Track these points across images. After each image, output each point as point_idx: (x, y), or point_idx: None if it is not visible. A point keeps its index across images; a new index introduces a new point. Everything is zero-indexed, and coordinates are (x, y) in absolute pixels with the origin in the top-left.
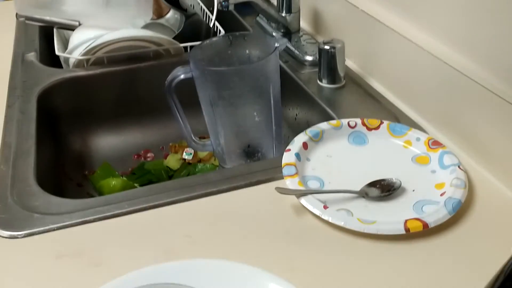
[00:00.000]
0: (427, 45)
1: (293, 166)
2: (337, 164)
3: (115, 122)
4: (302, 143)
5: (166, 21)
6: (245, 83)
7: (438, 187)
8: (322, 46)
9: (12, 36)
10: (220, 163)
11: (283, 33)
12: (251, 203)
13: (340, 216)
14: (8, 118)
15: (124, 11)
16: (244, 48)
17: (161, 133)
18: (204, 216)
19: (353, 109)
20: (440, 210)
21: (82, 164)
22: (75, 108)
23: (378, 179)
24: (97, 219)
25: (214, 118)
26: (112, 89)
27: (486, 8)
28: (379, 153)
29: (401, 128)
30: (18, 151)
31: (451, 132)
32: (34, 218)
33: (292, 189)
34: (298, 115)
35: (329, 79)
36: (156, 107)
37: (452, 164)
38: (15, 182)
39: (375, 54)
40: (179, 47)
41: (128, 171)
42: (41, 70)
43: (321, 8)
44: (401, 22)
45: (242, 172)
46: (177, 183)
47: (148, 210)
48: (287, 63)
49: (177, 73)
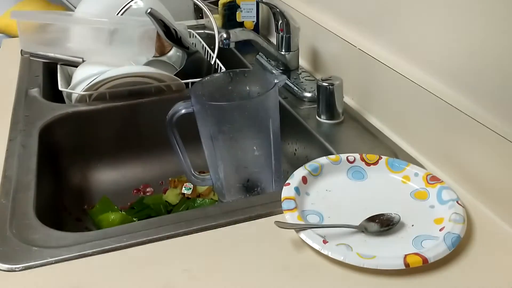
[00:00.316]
0: (423, 82)
1: (293, 200)
2: (336, 199)
3: (115, 156)
4: (301, 177)
5: (168, 58)
6: (245, 118)
7: (437, 222)
8: (320, 83)
9: (16, 72)
10: (219, 197)
11: (282, 70)
12: (250, 238)
13: (339, 251)
14: (10, 152)
15: (127, 48)
16: (244, 85)
17: (160, 167)
18: (203, 250)
19: (351, 144)
20: (439, 245)
21: (81, 199)
22: (76, 142)
23: (377, 214)
24: (95, 252)
25: (214, 152)
26: (113, 124)
27: (481, 45)
28: (378, 188)
29: (400, 163)
30: (19, 185)
31: (449, 168)
32: (32, 251)
33: (291, 223)
34: (297, 150)
35: (327, 115)
36: (156, 142)
37: (451, 199)
38: (15, 215)
39: (372, 91)
40: (180, 83)
41: (127, 206)
42: (43, 105)
43: (319, 46)
44: (397, 60)
45: (241, 206)
46: (176, 217)
47: (146, 244)
48: (287, 99)
49: (178, 108)
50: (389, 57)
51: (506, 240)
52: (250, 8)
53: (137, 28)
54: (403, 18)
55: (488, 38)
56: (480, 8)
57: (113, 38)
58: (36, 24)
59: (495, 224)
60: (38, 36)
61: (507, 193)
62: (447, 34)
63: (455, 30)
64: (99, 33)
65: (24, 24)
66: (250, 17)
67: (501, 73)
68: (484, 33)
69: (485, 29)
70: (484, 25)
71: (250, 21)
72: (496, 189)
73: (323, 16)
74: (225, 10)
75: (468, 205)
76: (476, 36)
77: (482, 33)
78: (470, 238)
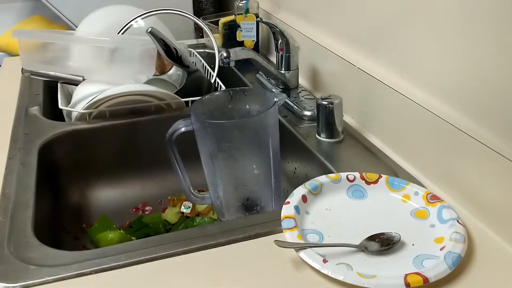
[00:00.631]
0: (423, 101)
1: (292, 219)
2: (336, 218)
3: (114, 175)
4: (301, 196)
5: (169, 77)
6: (244, 136)
7: (437, 241)
8: (320, 102)
9: (17, 90)
10: (218, 216)
11: (282, 89)
12: (249, 257)
13: (339, 270)
14: (9, 169)
15: (128, 67)
16: (244, 103)
17: (159, 186)
18: (201, 269)
19: (351, 163)
20: (440, 264)
21: (80, 217)
22: (75, 160)
23: (378, 233)
24: (93, 271)
25: (213, 170)
26: (112, 142)
27: (480, 65)
28: (378, 207)
29: (400, 182)
30: (17, 203)
31: (449, 186)
32: (30, 270)
33: (291, 242)
34: (297, 168)
35: (327, 134)
36: (155, 160)
37: (451, 218)
38: (13, 234)
39: (372, 110)
40: (180, 102)
41: (126, 224)
42: (43, 123)
43: (319, 65)
44: (397, 79)
45: (241, 225)
46: (175, 236)
47: (145, 263)
48: (286, 117)
49: (178, 126)
50: (389, 76)
51: (507, 260)
52: (250, 28)
53: (137, 47)
54: (402, 38)
55: (486, 58)
56: (478, 28)
57: (113, 56)
58: (37, 43)
59: (496, 243)
60: (39, 54)
61: (507, 212)
62: (446, 53)
63: (453, 49)
64: (100, 51)
65: (25, 43)
66: (250, 36)
67: (500, 92)
68: (482, 52)
69: (483, 49)
70: (482, 44)
71: (250, 41)
72: (496, 208)
73: (323, 35)
74: (226, 29)
75: (468, 224)
76: (474, 56)
77: (480, 53)
78: (471, 257)
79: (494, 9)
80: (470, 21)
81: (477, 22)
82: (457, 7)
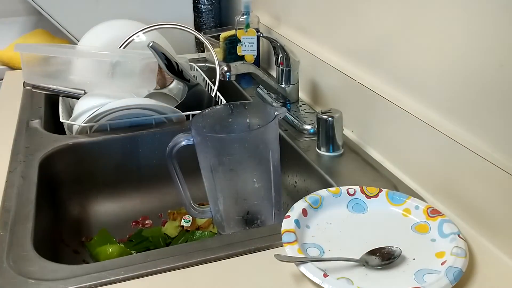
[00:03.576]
0: (423, 115)
1: (293, 233)
2: (337, 232)
3: (114, 188)
4: (301, 209)
5: (169, 91)
6: (245, 150)
7: (438, 256)
8: (320, 115)
9: (18, 104)
10: (218, 230)
11: (282, 103)
12: (249, 271)
13: (340, 285)
14: (9, 183)
15: (129, 80)
16: (244, 117)
17: (159, 200)
18: (202, 283)
19: (351, 177)
20: (441, 279)
21: (79, 230)
22: (76, 174)
23: (378, 247)
24: (92, 285)
25: (214, 184)
26: (113, 155)
27: (481, 79)
28: (378, 221)
29: (400, 196)
30: (17, 216)
31: (449, 201)
32: (28, 283)
33: (291, 257)
34: (297, 182)
35: (327, 148)
36: (155, 174)
37: (452, 232)
38: (12, 247)
39: (372, 123)
40: (181, 116)
41: (126, 238)
42: (44, 136)
43: (319, 80)
44: (396, 93)
45: (241, 238)
46: (175, 250)
47: (145, 277)
48: (287, 131)
49: (178, 140)
50: (388, 90)
51: (508, 274)
52: (250, 42)
53: (139, 61)
54: (401, 51)
55: (485, 72)
56: (477, 41)
57: (115, 70)
58: (39, 57)
59: (497, 258)
60: (41, 68)
61: (507, 226)
62: (446, 67)
63: (453, 64)
64: (101, 65)
65: (27, 57)
66: (251, 51)
67: (499, 105)
68: (483, 67)
69: (484, 63)
70: (482, 59)
71: (251, 55)
72: (496, 222)
73: (323, 50)
74: (226, 44)
75: (469, 239)
76: (475, 70)
77: (481, 67)
78: (472, 272)
79: (494, 21)
80: (469, 34)
81: (476, 36)
82: (456, 20)
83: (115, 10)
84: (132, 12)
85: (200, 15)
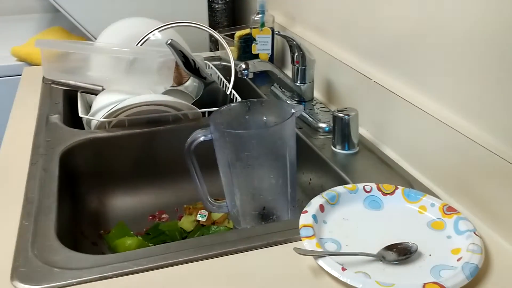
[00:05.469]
0: (438, 114)
1: (311, 227)
2: (354, 227)
3: (132, 182)
4: (319, 205)
5: (185, 88)
6: (262, 146)
7: (454, 252)
8: (336, 114)
9: (37, 99)
10: (234, 224)
11: (297, 101)
12: (268, 264)
13: (358, 279)
14: (31, 175)
15: (146, 77)
16: (261, 114)
17: (176, 195)
18: (221, 276)
19: (367, 174)
20: (457, 275)
21: (97, 223)
22: (94, 168)
23: (395, 243)
24: (115, 275)
25: (231, 179)
26: (131, 150)
27: (496, 77)
28: (394, 218)
29: (416, 194)
30: (40, 207)
31: (465, 199)
32: (53, 272)
33: (310, 250)
34: (312, 179)
35: (343, 146)
36: (172, 169)
37: (468, 229)
38: (37, 237)
39: (387, 122)
40: (197, 112)
41: (143, 232)
42: (64, 130)
43: (334, 78)
44: (412, 93)
45: (259, 232)
46: (195, 242)
47: (165, 268)
48: (302, 129)
49: (197, 135)
50: (405, 90)
51: None
52: (265, 41)
53: (156, 58)
54: (417, 51)
55: (502, 70)
56: (496, 40)
57: (133, 67)
58: (59, 53)
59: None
60: (60, 64)
61: None
62: (461, 66)
63: (469, 63)
64: (119, 62)
65: (47, 53)
66: (265, 49)
67: None
68: (498, 65)
69: (498, 62)
70: (498, 57)
71: (265, 54)
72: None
73: (338, 49)
74: (241, 42)
75: (484, 236)
76: (490, 68)
77: (495, 66)
78: (488, 268)
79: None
80: (487, 32)
81: (494, 34)
82: (473, 18)
83: (131, 8)
84: (147, 10)
85: (214, 14)
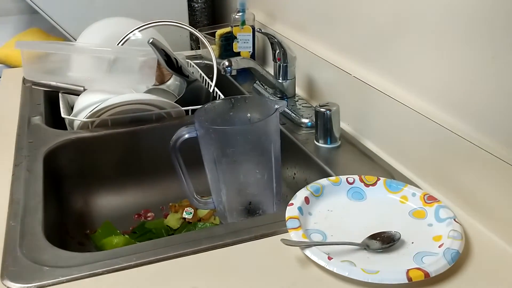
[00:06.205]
0: (417, 106)
1: (297, 219)
2: (338, 218)
3: (116, 182)
4: (304, 197)
5: (168, 87)
6: (248, 142)
7: (435, 239)
8: (318, 109)
9: (18, 100)
10: (221, 220)
11: (279, 98)
12: (256, 256)
13: (344, 267)
14: (16, 176)
15: (128, 77)
16: (245, 110)
17: (161, 193)
18: (210, 269)
19: (349, 167)
20: (439, 260)
21: (83, 223)
22: (79, 168)
23: (379, 232)
24: (105, 271)
25: (217, 175)
26: (115, 150)
27: (475, 70)
28: (377, 208)
29: (397, 184)
30: (26, 208)
31: (444, 188)
32: (43, 271)
33: (297, 241)
34: (296, 174)
35: (325, 140)
36: (157, 167)
37: (448, 217)
38: (24, 237)
39: (368, 116)
40: (180, 111)
41: (129, 230)
42: (47, 131)
43: (315, 75)
44: (391, 86)
45: (247, 226)
46: (183, 237)
47: (155, 263)
48: (285, 125)
49: (181, 133)
50: (383, 84)
51: (502, 256)
52: (246, 39)
53: (138, 58)
54: (395, 45)
55: (479, 62)
56: (470, 34)
57: (114, 67)
58: (39, 54)
59: (491, 241)
60: (41, 65)
61: (500, 211)
62: (437, 58)
63: (447, 55)
64: (100, 62)
65: (28, 54)
66: (247, 47)
67: (492, 95)
68: (477, 57)
69: (478, 54)
70: (477, 50)
71: (247, 51)
72: (490, 208)
73: (318, 46)
74: (222, 41)
75: (464, 223)
76: (468, 60)
77: (474, 57)
78: (468, 254)
79: (488, 15)
80: (464, 27)
81: (468, 29)
82: (450, 13)
83: (110, 8)
84: (127, 10)
85: (194, 13)
